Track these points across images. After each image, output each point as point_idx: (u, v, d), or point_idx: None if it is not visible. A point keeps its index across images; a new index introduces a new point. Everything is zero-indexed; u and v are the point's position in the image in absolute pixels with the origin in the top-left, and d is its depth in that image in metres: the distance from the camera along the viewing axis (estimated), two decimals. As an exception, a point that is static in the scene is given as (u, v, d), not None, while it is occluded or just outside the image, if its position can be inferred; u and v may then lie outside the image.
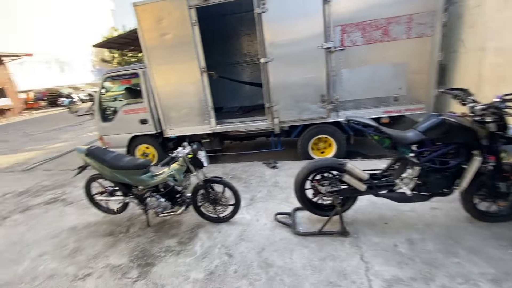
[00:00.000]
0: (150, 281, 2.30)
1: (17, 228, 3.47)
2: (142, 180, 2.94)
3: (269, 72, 4.05)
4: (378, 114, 4.19)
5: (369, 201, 3.04)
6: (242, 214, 3.12)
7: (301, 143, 4.56)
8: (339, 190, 2.49)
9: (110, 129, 5.16)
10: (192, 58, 4.28)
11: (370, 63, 4.02)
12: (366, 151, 5.08)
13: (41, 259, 2.78)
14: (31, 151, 8.11)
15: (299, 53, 3.94)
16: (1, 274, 2.61)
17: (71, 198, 4.18)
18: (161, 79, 4.54)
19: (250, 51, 6.27)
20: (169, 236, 2.91)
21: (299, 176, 2.57)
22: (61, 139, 9.55)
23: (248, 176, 4.22)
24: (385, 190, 2.51)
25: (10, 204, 4.21)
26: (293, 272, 2.20)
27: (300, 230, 2.69)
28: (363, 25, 3.84)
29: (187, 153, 2.79)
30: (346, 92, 4.16)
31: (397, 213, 2.85)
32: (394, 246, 2.38)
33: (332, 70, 4.01)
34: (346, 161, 2.44)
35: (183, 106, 4.63)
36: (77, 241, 3.03)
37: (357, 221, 2.75)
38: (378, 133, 2.33)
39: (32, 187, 4.84)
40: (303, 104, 4.15)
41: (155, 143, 5.13)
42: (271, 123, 4.38)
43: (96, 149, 3.09)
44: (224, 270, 2.32)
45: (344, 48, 3.98)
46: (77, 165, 3.29)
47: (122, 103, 5.09)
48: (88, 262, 2.65)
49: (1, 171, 6.28)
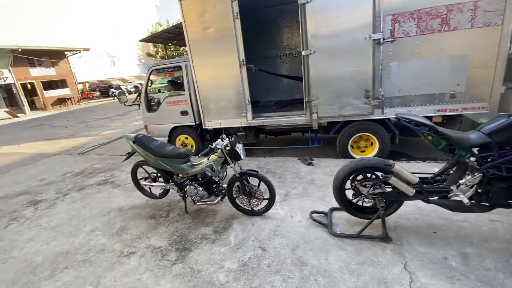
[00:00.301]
0: (187, 265, 2.41)
1: (74, 204, 3.89)
2: (182, 169, 3.07)
3: (310, 65, 3.90)
4: (429, 112, 3.82)
5: (415, 207, 2.80)
6: (276, 209, 3.10)
7: (341, 140, 4.36)
8: (383, 192, 2.32)
9: (154, 119, 5.49)
10: (232, 51, 4.31)
11: (423, 56, 3.65)
12: (412, 152, 4.69)
13: (94, 234, 3.09)
14: (86, 137, 9.04)
15: (344, 45, 3.73)
16: (62, 244, 2.96)
17: (119, 181, 4.57)
18: (201, 72, 4.66)
19: (289, 44, 6.13)
20: (205, 224, 3.01)
21: (339, 174, 2.45)
22: (111, 126, 10.47)
23: (282, 171, 4.18)
24: (437, 197, 2.27)
25: (69, 183, 4.74)
26: (329, 273, 2.13)
27: (337, 231, 2.58)
28: (419, 13, 3.48)
29: (225, 145, 2.83)
30: (394, 88, 3.85)
31: (448, 222, 2.58)
32: (444, 258, 2.16)
33: (379, 63, 3.72)
34: (394, 162, 2.25)
35: (221, 98, 4.71)
36: (123, 220, 3.29)
37: (401, 227, 2.55)
38: (433, 133, 2.11)
39: (86, 169, 5.39)
40: (345, 99, 3.94)
41: (194, 134, 5.33)
42: (309, 118, 4.25)
43: (143, 137, 3.30)
44: (258, 263, 2.33)
45: (394, 40, 3.66)
46: (125, 151, 3.56)
47: (165, 95, 5.36)
48: (132, 241, 2.86)
49: (62, 152, 7.10)
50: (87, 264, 2.58)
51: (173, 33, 11.42)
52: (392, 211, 2.49)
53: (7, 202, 4.21)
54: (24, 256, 2.81)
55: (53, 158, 6.56)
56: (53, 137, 9.62)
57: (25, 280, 2.46)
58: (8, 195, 4.52)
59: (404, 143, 4.94)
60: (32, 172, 5.64)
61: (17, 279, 2.48)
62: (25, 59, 18.43)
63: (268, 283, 2.11)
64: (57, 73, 21.15)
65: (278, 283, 2.10)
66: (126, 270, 2.43)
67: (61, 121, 13.40)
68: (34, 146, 8.38)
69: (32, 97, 19.78)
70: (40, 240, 3.08)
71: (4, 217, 3.72)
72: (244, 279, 2.17)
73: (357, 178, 2.47)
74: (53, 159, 6.47)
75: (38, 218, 3.59)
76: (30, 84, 19.24)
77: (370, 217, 2.46)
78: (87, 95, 24.68)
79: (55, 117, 15.36)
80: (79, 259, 2.66)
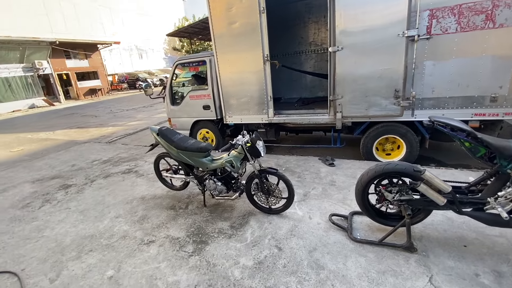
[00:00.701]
0: (203, 258, 2.44)
1: (101, 191, 4.10)
2: (203, 163, 3.11)
3: (336, 62, 3.76)
4: (465, 116, 3.54)
5: (445, 217, 2.63)
6: (294, 209, 3.05)
7: (365, 142, 4.19)
8: (410, 200, 2.18)
9: (177, 112, 5.61)
10: (256, 46, 4.27)
11: (462, 55, 3.37)
12: (442, 158, 4.41)
13: (117, 220, 3.23)
14: (113, 127, 9.47)
15: (374, 42, 3.54)
16: (88, 227, 3.13)
17: (142, 171, 4.74)
18: (225, 67, 4.67)
19: (316, 40, 5.96)
20: (222, 219, 3.04)
21: (363, 178, 2.34)
22: (137, 118, 10.89)
23: (302, 170, 4.10)
24: (471, 208, 2.10)
25: (97, 170, 5.00)
26: (347, 280, 2.05)
27: (357, 236, 2.48)
28: (460, 8, 3.21)
29: (246, 141, 2.82)
30: (427, 88, 3.61)
31: (481, 236, 2.39)
32: (475, 275, 2.00)
33: (412, 62, 3.50)
34: (424, 168, 2.11)
35: (243, 94, 4.70)
36: (145, 209, 3.41)
37: (427, 238, 2.40)
38: (471, 140, 1.94)
39: (113, 157, 5.65)
40: (372, 99, 3.76)
41: (215, 129, 5.38)
42: (332, 117, 4.11)
43: (166, 129, 3.38)
44: (273, 262, 2.31)
45: (430, 37, 3.42)
46: (148, 142, 3.67)
47: (189, 89, 5.44)
48: (153, 230, 2.96)
49: (92, 140, 7.50)
50: (110, 249, 2.70)
51: (198, 28, 11.58)
52: (419, 220, 2.35)
53: (42, 185, 4.53)
54: (55, 236, 3.01)
55: (83, 146, 6.95)
56: (84, 125, 10.19)
57: (54, 259, 2.63)
58: (43, 177, 4.87)
59: (434, 147, 4.65)
60: (65, 157, 6.02)
61: (48, 257, 2.65)
62: (62, 51, 19.62)
63: (283, 284, 2.08)
64: (90, 65, 22.32)
65: (294, 284, 2.07)
66: (145, 258, 2.52)
67: (91, 111, 14.17)
68: (67, 133, 8.93)
69: (67, 87, 21.08)
70: (69, 222, 3.28)
71: (39, 198, 4.01)
72: (259, 277, 2.16)
73: (382, 183, 2.35)
74: (83, 147, 6.86)
75: (68, 202, 3.82)
76: (66, 75, 20.50)
77: (394, 225, 2.34)
78: (116, 86, 25.84)
79: (86, 107, 16.27)
80: (103, 243, 2.80)
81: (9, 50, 16.27)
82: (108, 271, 2.40)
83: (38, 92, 18.33)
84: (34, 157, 6.29)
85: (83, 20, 24.75)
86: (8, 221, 3.43)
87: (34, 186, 4.51)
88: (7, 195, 4.24)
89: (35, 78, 17.99)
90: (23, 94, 17.49)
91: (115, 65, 28.18)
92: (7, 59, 16.43)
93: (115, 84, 26.14)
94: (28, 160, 6.05)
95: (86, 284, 2.27)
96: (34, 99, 17.98)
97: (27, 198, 4.06)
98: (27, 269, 2.52)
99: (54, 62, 19.04)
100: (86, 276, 2.36)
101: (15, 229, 3.23)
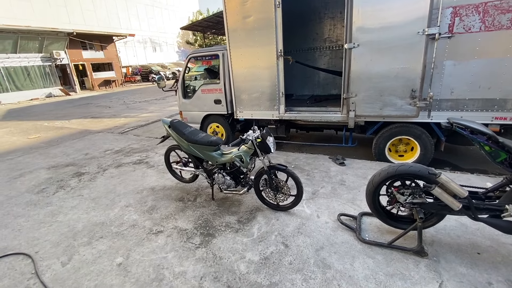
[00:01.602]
0: (210, 251, 2.46)
1: (112, 180, 4.19)
2: (212, 157, 3.12)
3: (352, 60, 3.67)
4: (485, 119, 3.40)
5: (458, 222, 2.55)
6: (302, 207, 3.03)
7: (378, 142, 4.10)
8: (423, 203, 2.12)
9: (188, 105, 5.64)
10: (270, 41, 4.22)
11: (486, 56, 3.23)
12: (458, 162, 4.27)
13: (127, 209, 3.30)
14: (126, 118, 9.65)
15: (392, 39, 3.43)
16: (99, 215, 3.21)
17: (153, 162, 4.81)
18: (238, 61, 4.65)
19: (330, 36, 5.84)
20: (230, 213, 3.05)
21: (375, 178, 2.29)
22: (149, 110, 11.05)
23: (311, 168, 4.06)
24: (487, 215, 2.03)
25: (109, 159, 5.11)
26: (353, 280, 2.03)
27: (366, 237, 2.44)
28: (485, 6, 3.07)
29: (256, 137, 2.80)
30: (445, 89, 3.48)
31: (495, 244, 2.31)
32: (488, 283, 1.93)
33: (431, 61, 3.38)
34: (440, 172, 2.04)
35: (255, 90, 4.67)
36: (154, 200, 3.47)
37: (439, 243, 2.34)
38: (492, 144, 1.86)
39: (124, 148, 5.76)
40: (387, 98, 3.66)
41: (225, 123, 5.39)
42: (345, 116, 4.04)
43: (177, 122, 3.40)
44: (279, 258, 2.30)
45: (452, 35, 3.28)
46: (159, 134, 3.71)
47: (201, 83, 5.46)
48: (161, 221, 3.00)
49: (105, 131, 7.67)
50: (119, 237, 2.76)
51: (212, 22, 11.57)
52: (431, 224, 2.29)
53: (57, 171, 4.68)
54: (68, 221, 3.10)
55: (97, 135, 7.12)
56: (98, 115, 10.42)
57: (67, 243, 2.71)
58: (58, 164, 5.02)
59: (449, 151, 4.51)
60: (79, 146, 6.18)
61: (60, 242, 2.74)
62: (79, 42, 20.05)
63: (289, 280, 2.07)
64: (105, 56, 22.73)
65: (299, 282, 2.06)
66: (153, 247, 2.56)
67: (105, 102, 14.46)
68: (82, 123, 9.16)
69: (82, 78, 21.58)
70: (82, 209, 3.37)
71: (53, 184, 4.14)
72: (264, 273, 2.16)
73: (394, 184, 2.29)
74: (97, 136, 7.02)
75: (81, 189, 3.93)
76: (82, 65, 20.97)
77: (405, 228, 2.29)
78: (129, 78, 26.25)
79: (101, 98, 16.62)
80: (113, 231, 2.87)
81: (28, 40, 16.74)
82: (117, 258, 2.46)
83: (55, 82, 18.84)
84: (50, 144, 6.49)
85: (99, 12, 25.20)
86: (24, 204, 3.56)
87: (49, 172, 4.66)
88: (24, 180, 4.40)
89: (52, 68, 18.48)
90: (41, 83, 18.02)
91: (129, 57, 28.63)
92: (26, 49, 16.93)
93: (129, 76, 26.55)
94: (44, 147, 6.25)
95: (96, 269, 2.34)
96: (51, 88, 18.50)
97: (43, 183, 4.20)
98: (40, 251, 2.61)
99: (71, 52, 19.48)
100: (96, 261, 2.43)
101: (30, 212, 3.35)
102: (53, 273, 2.32)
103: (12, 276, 2.32)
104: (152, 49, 32.29)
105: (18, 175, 4.63)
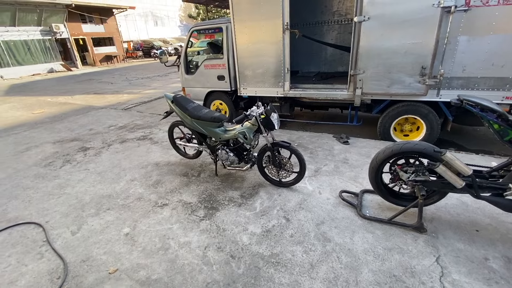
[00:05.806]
0: (213, 223, 2.54)
1: (117, 155, 4.24)
2: (216, 133, 3.12)
3: (361, 34, 3.51)
4: (495, 98, 3.29)
5: (459, 201, 2.57)
6: (304, 184, 3.06)
7: (383, 121, 4.04)
8: (425, 181, 2.13)
9: (191, 81, 5.54)
10: (276, 15, 4.03)
11: (503, 32, 3.07)
12: (463, 142, 4.23)
13: (132, 183, 3.37)
14: (129, 94, 9.57)
15: (405, 12, 3.25)
16: (105, 188, 3.29)
17: (157, 138, 4.83)
18: (242, 36, 4.48)
19: (340, 9, 5.56)
20: (233, 188, 3.10)
21: (379, 156, 2.28)
22: (151, 86, 10.92)
23: (315, 147, 4.05)
24: (490, 193, 2.03)
25: (113, 135, 5.14)
26: (352, 253, 2.09)
27: (367, 213, 2.49)
28: (508, -25, 2.86)
29: (260, 113, 2.77)
30: (457, 67, 3.36)
31: (495, 222, 2.34)
32: (484, 259, 1.98)
33: (445, 36, 3.22)
34: (445, 150, 2.01)
35: (259, 65, 4.55)
36: (159, 175, 3.53)
37: (438, 220, 2.38)
38: (501, 122, 1.82)
39: (128, 124, 5.77)
40: (395, 76, 3.55)
41: (229, 100, 5.32)
42: (351, 93, 3.95)
43: (181, 97, 3.36)
44: (281, 231, 2.37)
45: (468, 9, 3.10)
46: (162, 111, 3.69)
47: (204, 58, 5.32)
48: (166, 194, 3.07)
49: (108, 107, 7.65)
50: (126, 209, 2.85)
51: (215, -7, 11.01)
52: (432, 202, 2.31)
53: (63, 146, 4.74)
54: (75, 194, 3.19)
55: (100, 111, 7.11)
56: (100, 91, 10.35)
57: (75, 214, 2.81)
58: (63, 139, 5.07)
59: (455, 131, 4.45)
60: (83, 121, 6.20)
61: (69, 213, 2.84)
62: (78, 15, 19.39)
63: (290, 252, 2.15)
64: (105, 30, 22.07)
65: (299, 253, 2.13)
66: (159, 219, 2.65)
67: (107, 78, 14.28)
68: (85, 99, 9.12)
69: (83, 53, 21.15)
70: (88, 182, 3.45)
71: (59, 158, 4.21)
72: (266, 244, 2.24)
73: (398, 162, 2.29)
74: (100, 112, 7.02)
75: (87, 163, 4.00)
76: (82, 40, 20.46)
77: (406, 205, 2.32)
78: (131, 54, 25.68)
79: (103, 73, 16.39)
80: (119, 203, 2.95)
81: (27, 12, 16.23)
82: (124, 228, 2.55)
83: (56, 57, 18.52)
84: (54, 120, 6.52)
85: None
86: (33, 177, 3.65)
87: (55, 147, 4.72)
88: (31, 153, 4.48)
89: (52, 42, 18.08)
90: (42, 58, 17.74)
91: (130, 32, 27.79)
92: (25, 21, 16.47)
93: (130, 51, 25.96)
94: (48, 122, 6.29)
95: (104, 238, 2.43)
96: (53, 63, 18.24)
97: (49, 157, 4.28)
98: (51, 221, 2.71)
99: (71, 26, 18.94)
100: (105, 231, 2.52)
101: (39, 185, 3.44)
102: (64, 241, 2.43)
103: (25, 243, 2.43)
104: (154, 23, 31.21)
105: (25, 149, 4.70)
